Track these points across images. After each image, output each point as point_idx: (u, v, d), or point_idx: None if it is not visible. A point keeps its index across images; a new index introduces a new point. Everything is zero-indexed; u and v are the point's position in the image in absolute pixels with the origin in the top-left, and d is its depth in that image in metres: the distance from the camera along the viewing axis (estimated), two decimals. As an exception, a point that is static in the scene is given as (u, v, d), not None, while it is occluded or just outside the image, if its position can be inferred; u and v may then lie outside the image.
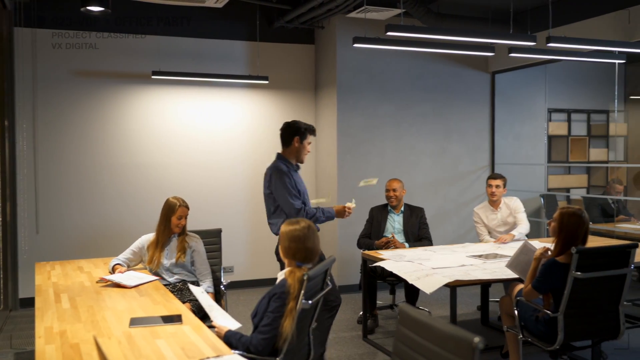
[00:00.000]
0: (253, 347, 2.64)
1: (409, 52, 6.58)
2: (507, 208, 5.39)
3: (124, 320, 2.81)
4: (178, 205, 4.04)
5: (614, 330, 3.53)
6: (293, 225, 2.88)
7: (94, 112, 6.19)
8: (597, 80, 7.90)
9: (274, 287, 2.76)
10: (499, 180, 5.38)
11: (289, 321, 2.62)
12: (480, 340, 1.65)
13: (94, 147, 6.20)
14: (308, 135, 4.05)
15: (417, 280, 3.85)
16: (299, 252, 2.83)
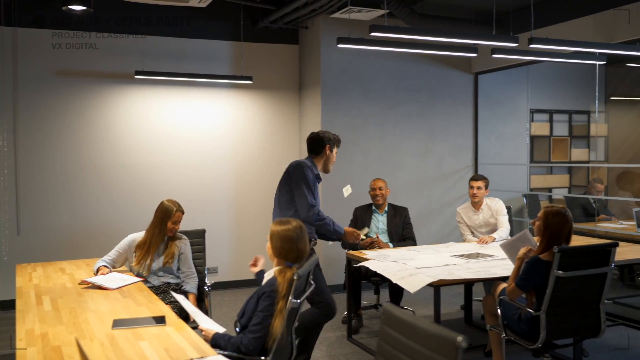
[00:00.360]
0: (244, 347, 2.64)
1: (392, 53, 6.61)
2: (489, 209, 5.42)
3: (106, 322, 2.79)
4: (175, 210, 4.00)
5: (595, 328, 3.57)
6: (285, 225, 2.88)
7: (76, 112, 6.14)
8: (578, 81, 7.98)
9: (263, 286, 2.76)
10: (480, 182, 5.40)
11: (279, 320, 2.64)
12: (463, 339, 1.66)
13: (76, 148, 6.14)
14: (336, 145, 4.24)
15: (401, 279, 3.87)
16: (291, 253, 2.85)
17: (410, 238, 5.37)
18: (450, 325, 5.18)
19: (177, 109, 6.53)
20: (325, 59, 6.52)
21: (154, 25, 6.29)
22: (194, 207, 6.56)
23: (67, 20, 5.92)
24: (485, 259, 4.41)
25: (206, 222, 6.29)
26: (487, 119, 7.45)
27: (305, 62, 6.89)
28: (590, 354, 4.46)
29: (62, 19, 5.89)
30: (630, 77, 8.12)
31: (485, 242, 5.11)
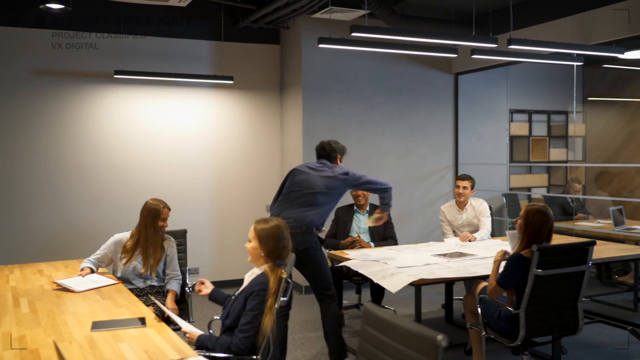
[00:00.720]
0: (235, 347, 2.65)
1: (373, 53, 6.63)
2: (473, 210, 5.45)
3: (85, 324, 2.76)
4: (162, 207, 3.99)
5: (573, 325, 3.62)
6: (271, 223, 2.91)
7: (55, 111, 6.06)
8: (556, 82, 8.08)
9: (251, 285, 2.76)
10: (467, 182, 5.43)
11: (269, 318, 2.67)
12: (444, 338, 1.68)
13: (54, 148, 6.07)
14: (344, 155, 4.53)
15: (382, 279, 3.88)
16: (282, 251, 2.89)
17: (392, 238, 5.39)
18: (431, 324, 5.22)
19: (158, 109, 6.48)
20: (306, 59, 6.52)
21: (134, 24, 6.23)
22: (175, 207, 6.48)
23: (44, 19, 5.84)
24: (466, 258, 4.44)
25: (187, 222, 6.25)
26: (467, 119, 7.51)
27: (287, 62, 6.88)
28: (568, 351, 4.52)
29: (39, 18, 5.82)
30: (607, 78, 8.24)
31: (469, 239, 5.15)
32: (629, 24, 5.21)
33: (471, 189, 5.42)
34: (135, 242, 3.95)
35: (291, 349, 4.68)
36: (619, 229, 5.87)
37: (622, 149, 7.99)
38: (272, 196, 7.01)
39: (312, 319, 5.53)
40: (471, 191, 5.43)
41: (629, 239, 5.71)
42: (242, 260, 6.67)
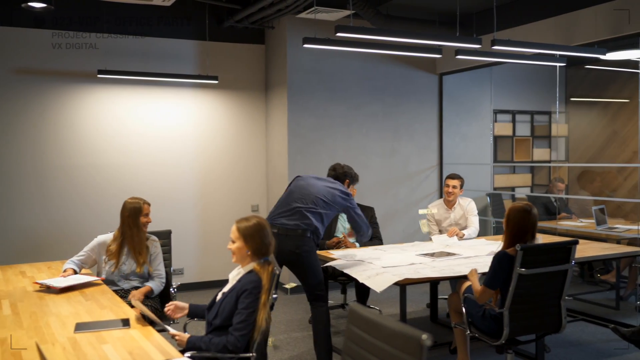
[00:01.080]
0: (231, 345, 2.66)
1: (358, 53, 6.64)
2: (461, 209, 5.49)
3: (68, 325, 2.74)
4: (142, 204, 3.97)
5: (556, 324, 3.65)
6: (252, 220, 2.90)
7: (36, 112, 6.00)
8: (539, 83, 8.15)
9: (243, 284, 2.75)
10: (456, 181, 5.45)
11: (264, 313, 2.71)
12: (428, 337, 1.68)
13: (36, 148, 6.01)
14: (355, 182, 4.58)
15: (367, 279, 3.89)
16: (268, 247, 2.89)
17: (377, 237, 5.40)
18: (416, 324, 5.24)
19: (142, 109, 6.44)
20: (291, 59, 6.51)
21: (118, 24, 6.19)
22: (159, 208, 6.49)
23: (27, 19, 5.78)
24: (451, 258, 4.47)
25: (172, 223, 6.22)
26: (451, 119, 7.55)
27: (272, 62, 6.88)
28: (551, 349, 4.56)
29: (20, 17, 5.76)
30: (589, 78, 8.33)
31: (457, 234, 5.19)
32: (611, 25, 5.27)
33: (460, 189, 5.45)
34: (119, 244, 3.91)
35: (277, 350, 4.68)
36: (601, 228, 5.94)
37: (604, 149, 8.09)
38: (258, 196, 7.05)
39: (297, 319, 5.53)
40: (460, 190, 5.46)
41: (610, 238, 5.77)
42: (227, 260, 6.65)
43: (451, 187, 5.43)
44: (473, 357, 4.15)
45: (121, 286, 3.87)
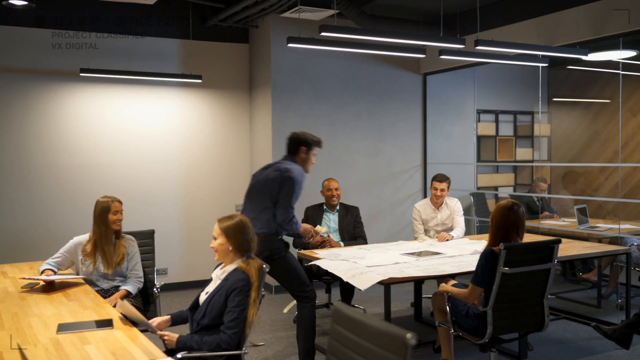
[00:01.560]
0: (225, 343, 2.67)
1: (342, 53, 6.65)
2: (448, 209, 5.50)
3: (51, 326, 2.71)
4: (111, 201, 3.94)
5: (539, 322, 3.68)
6: (235, 219, 2.92)
7: (18, 110, 5.93)
8: (522, 83, 8.22)
9: (232, 283, 2.75)
10: (444, 184, 5.41)
11: (254, 309, 2.74)
12: (413, 336, 1.69)
13: (17, 147, 5.93)
14: (314, 147, 4.20)
15: (352, 278, 3.89)
16: (250, 243, 2.91)
17: (361, 237, 5.41)
18: (400, 323, 5.26)
19: (125, 108, 6.39)
20: (275, 58, 6.50)
21: (101, 22, 6.13)
22: (142, 208, 6.45)
23: (8, 16, 5.71)
24: (435, 257, 4.49)
25: (155, 222, 6.19)
26: (435, 119, 7.58)
27: (256, 62, 6.86)
28: (534, 347, 4.60)
29: (1, 14, 5.68)
30: (571, 79, 8.42)
31: (446, 239, 5.20)
32: (593, 26, 5.33)
33: (447, 189, 5.45)
34: (93, 244, 3.90)
35: (261, 349, 4.67)
36: (583, 227, 6.00)
37: (586, 148, 8.18)
38: (242, 195, 7.00)
39: (282, 319, 5.52)
40: (447, 191, 5.46)
41: (592, 237, 5.83)
42: (211, 260, 6.60)
43: (439, 191, 5.41)
44: (457, 356, 4.17)
45: (101, 286, 3.84)
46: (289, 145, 4.21)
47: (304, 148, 4.15)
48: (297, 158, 4.17)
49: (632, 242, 5.49)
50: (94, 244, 3.89)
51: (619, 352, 4.49)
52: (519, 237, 3.60)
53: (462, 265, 4.14)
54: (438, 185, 5.43)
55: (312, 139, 4.20)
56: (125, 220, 4.37)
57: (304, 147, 4.15)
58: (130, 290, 3.83)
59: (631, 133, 7.49)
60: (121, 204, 4.00)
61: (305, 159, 4.18)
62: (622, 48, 5.56)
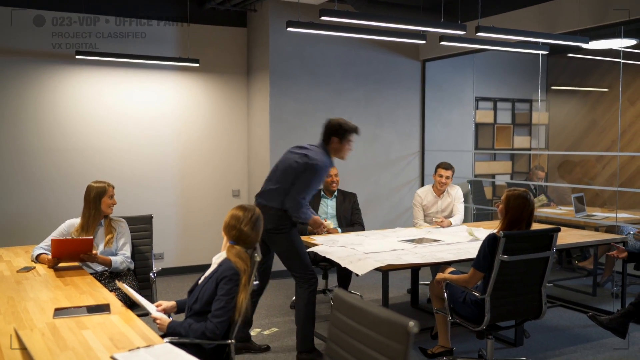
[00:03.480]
0: (210, 332, 2.65)
1: (341, 39, 6.59)
2: (449, 196, 5.52)
3: (47, 311, 2.69)
4: (107, 185, 3.93)
5: (536, 310, 3.69)
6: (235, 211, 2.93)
7: (12, 93, 5.86)
8: (521, 70, 8.18)
9: (222, 271, 2.73)
10: (450, 172, 5.44)
11: (244, 295, 2.70)
12: (415, 324, 1.67)
13: (12, 130, 5.88)
14: (348, 135, 4.10)
15: (350, 264, 3.88)
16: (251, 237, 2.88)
17: (359, 223, 5.40)
18: (397, 309, 5.25)
19: (122, 92, 6.33)
20: (274, 43, 6.44)
21: (97, 4, 6.05)
22: (139, 192, 6.42)
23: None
24: (433, 244, 4.48)
25: (151, 207, 6.17)
26: (434, 106, 7.55)
27: (254, 46, 6.79)
28: (530, 334, 4.61)
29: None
30: (570, 67, 8.38)
31: (444, 225, 5.21)
32: (594, 14, 5.29)
33: (451, 178, 5.48)
34: (81, 227, 3.88)
35: (258, 336, 4.67)
36: (580, 216, 6.00)
37: (583, 137, 8.16)
38: (239, 181, 7.00)
39: (279, 304, 5.52)
40: (451, 179, 5.48)
41: (589, 226, 5.84)
42: (208, 245, 6.64)
43: (444, 178, 5.42)
44: (453, 343, 4.18)
45: (94, 268, 3.81)
46: (323, 133, 4.14)
47: (335, 138, 4.08)
48: (329, 147, 4.11)
49: (628, 230, 5.49)
50: (82, 228, 3.87)
51: (614, 340, 4.51)
52: (528, 227, 3.60)
53: (460, 253, 4.14)
54: (444, 172, 5.42)
55: (346, 127, 4.08)
56: (121, 204, 4.35)
57: (336, 138, 4.07)
58: (113, 261, 3.78)
59: (629, 122, 7.47)
60: (114, 188, 3.99)
61: (338, 148, 4.11)
62: (623, 37, 5.52)
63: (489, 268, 3.46)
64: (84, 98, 6.17)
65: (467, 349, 4.32)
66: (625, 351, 4.31)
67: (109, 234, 3.90)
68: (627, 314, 3.91)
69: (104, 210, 3.91)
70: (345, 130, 4.07)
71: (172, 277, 6.47)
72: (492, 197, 7.96)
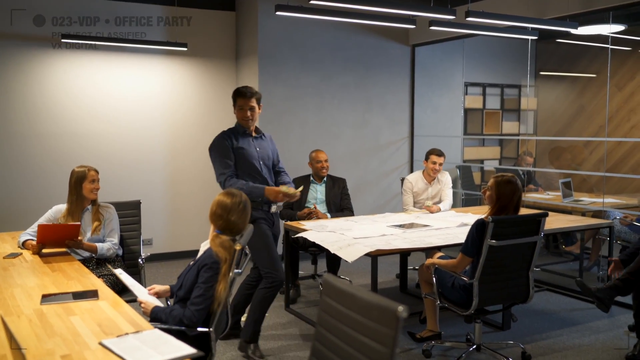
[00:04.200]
0: (187, 319, 2.62)
1: (331, 23, 6.55)
2: (439, 183, 5.53)
3: (34, 297, 2.67)
4: (87, 170, 3.87)
5: (524, 294, 3.72)
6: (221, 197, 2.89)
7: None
8: (510, 56, 8.18)
9: (203, 258, 2.72)
10: (442, 159, 5.43)
11: (223, 285, 2.66)
12: (404, 309, 1.68)
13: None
14: (236, 99, 4.06)
15: (339, 250, 3.89)
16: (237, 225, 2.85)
17: (348, 209, 5.40)
18: (386, 294, 5.28)
19: (108, 76, 6.26)
20: (262, 27, 6.39)
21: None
22: (127, 178, 6.38)
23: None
24: (422, 229, 4.49)
25: (140, 193, 6.14)
26: (423, 91, 7.54)
27: (242, 30, 6.73)
28: (518, 318, 4.66)
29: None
30: (559, 53, 8.39)
31: (433, 211, 5.23)
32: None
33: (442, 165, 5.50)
34: (68, 213, 3.86)
35: (247, 320, 4.68)
36: (567, 201, 6.04)
37: (571, 123, 8.20)
38: (227, 166, 6.82)
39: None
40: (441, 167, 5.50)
41: (576, 210, 5.88)
42: (196, 230, 6.62)
43: (438, 165, 5.42)
44: (442, 327, 4.21)
45: (81, 255, 3.79)
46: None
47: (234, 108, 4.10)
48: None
49: (614, 215, 5.54)
50: (68, 213, 3.85)
51: (600, 323, 4.57)
52: (516, 212, 3.61)
53: (449, 238, 4.15)
54: (437, 159, 5.42)
55: (234, 92, 4.11)
56: (109, 189, 4.32)
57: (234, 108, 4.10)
58: (99, 248, 3.76)
59: (616, 108, 7.51)
60: (97, 173, 3.94)
61: (237, 116, 4.16)
62: (612, 22, 5.53)
63: (477, 253, 3.48)
64: (70, 82, 6.09)
65: (456, 333, 4.36)
66: (610, 333, 4.37)
67: (97, 221, 3.87)
68: (614, 287, 3.93)
69: (86, 196, 3.87)
70: (234, 96, 4.09)
71: (161, 262, 6.45)
72: (480, 182, 7.99)
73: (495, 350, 3.83)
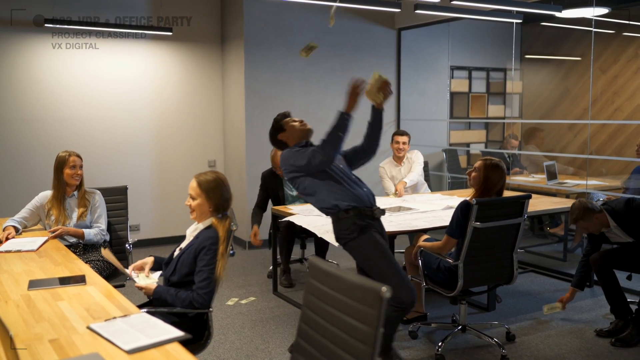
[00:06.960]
0: (197, 303, 2.66)
1: (317, 6, 6.51)
2: (409, 162, 5.58)
3: (22, 283, 2.68)
4: (68, 156, 3.85)
5: (508, 276, 3.77)
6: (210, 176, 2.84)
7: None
8: (496, 40, 8.20)
9: (201, 241, 2.72)
10: (405, 137, 5.54)
11: (222, 264, 2.71)
12: (388, 290, 1.71)
13: (-19, 101, 5.75)
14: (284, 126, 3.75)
15: (326, 233, 3.91)
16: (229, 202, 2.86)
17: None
18: (372, 277, 5.33)
19: (92, 61, 6.20)
20: (248, 10, 6.35)
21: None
22: (113, 164, 6.36)
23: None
24: (407, 212, 4.53)
25: (127, 178, 6.13)
26: (409, 75, 7.55)
27: (228, 14, 6.69)
28: (502, 299, 4.73)
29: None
30: (543, 36, 8.42)
31: (401, 193, 5.28)
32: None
33: (408, 144, 5.57)
34: (53, 198, 3.86)
35: (235, 305, 4.71)
36: (552, 183, 6.11)
37: (556, 106, 8.25)
38: (214, 151, 6.88)
39: (255, 274, 5.55)
40: (408, 146, 5.58)
41: (560, 193, 5.95)
42: (184, 216, 6.62)
43: (401, 144, 5.53)
44: (428, 308, 4.26)
45: (68, 240, 3.79)
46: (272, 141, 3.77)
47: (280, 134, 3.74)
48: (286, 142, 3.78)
49: (598, 197, 5.61)
50: (54, 198, 3.84)
51: (583, 303, 4.65)
52: (500, 193, 3.66)
53: (435, 221, 4.19)
54: (400, 138, 5.53)
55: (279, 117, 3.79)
56: (96, 175, 4.31)
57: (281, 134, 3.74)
58: (85, 233, 3.77)
59: (600, 91, 7.57)
60: (81, 159, 3.92)
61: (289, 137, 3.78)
62: (595, 5, 5.56)
63: (462, 235, 3.52)
64: (52, 68, 6.03)
65: (441, 315, 4.42)
66: (592, 313, 4.45)
67: (82, 207, 3.86)
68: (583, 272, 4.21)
69: (67, 181, 3.85)
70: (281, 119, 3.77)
71: (148, 248, 6.45)
72: (466, 165, 8.04)
73: (480, 331, 3.90)
